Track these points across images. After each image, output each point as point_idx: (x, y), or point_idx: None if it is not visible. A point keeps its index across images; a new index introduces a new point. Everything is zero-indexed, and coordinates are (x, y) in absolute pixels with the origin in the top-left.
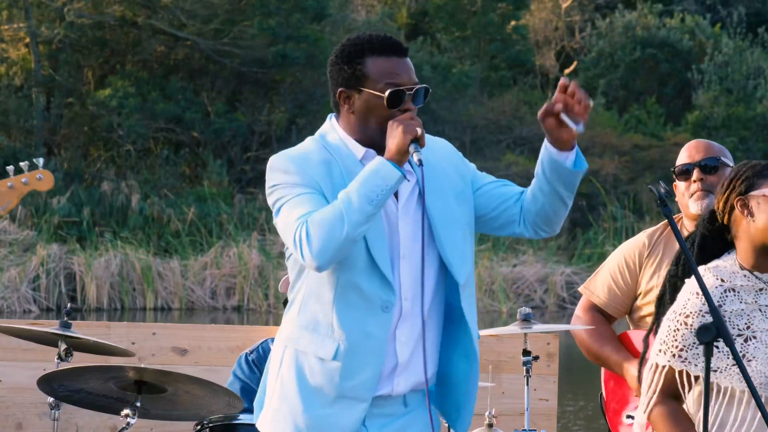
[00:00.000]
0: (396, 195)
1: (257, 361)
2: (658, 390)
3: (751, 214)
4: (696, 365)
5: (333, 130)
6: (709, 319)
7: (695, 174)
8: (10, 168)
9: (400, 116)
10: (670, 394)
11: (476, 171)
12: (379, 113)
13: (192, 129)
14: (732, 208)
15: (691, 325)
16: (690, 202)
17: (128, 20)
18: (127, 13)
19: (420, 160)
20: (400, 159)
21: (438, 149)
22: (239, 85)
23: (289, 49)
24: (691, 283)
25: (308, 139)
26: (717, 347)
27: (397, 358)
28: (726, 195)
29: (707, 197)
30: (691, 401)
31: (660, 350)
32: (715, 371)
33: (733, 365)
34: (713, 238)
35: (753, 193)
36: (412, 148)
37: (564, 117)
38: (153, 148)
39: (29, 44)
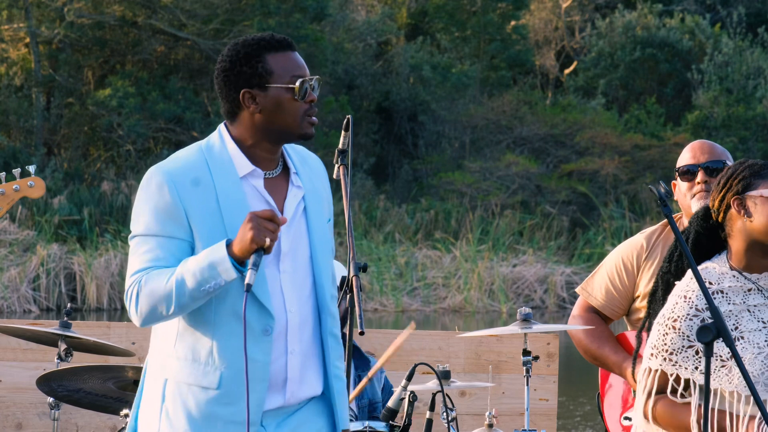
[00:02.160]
0: (281, 210)
1: None
2: (653, 393)
3: (747, 213)
4: (686, 368)
5: (222, 141)
6: (696, 322)
7: (700, 175)
8: (2, 174)
9: (260, 214)
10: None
11: (331, 215)
12: (289, 106)
13: (192, 129)
14: (728, 207)
15: (680, 329)
16: (693, 202)
17: (128, 20)
18: (127, 13)
19: (249, 285)
20: (242, 259)
21: (315, 166)
22: None
23: None
24: (679, 287)
25: (194, 147)
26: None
27: (287, 372)
28: (722, 193)
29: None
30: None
31: (651, 354)
32: (703, 374)
33: (722, 367)
34: (708, 236)
35: (750, 192)
36: (253, 258)
37: None
38: (153, 148)
39: (29, 44)
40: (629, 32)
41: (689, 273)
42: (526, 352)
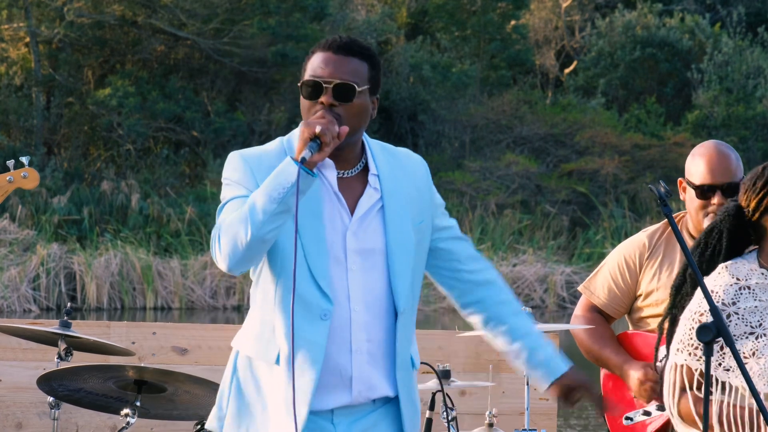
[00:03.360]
0: (352, 209)
1: None
2: (678, 389)
3: None
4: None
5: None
6: (722, 317)
7: (717, 198)
8: None
9: (313, 116)
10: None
11: (441, 210)
12: (303, 104)
13: (192, 128)
14: (765, 211)
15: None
16: (706, 220)
17: (128, 20)
18: (127, 12)
19: (303, 158)
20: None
21: (410, 169)
22: (239, 84)
23: (289, 48)
24: (708, 282)
25: (275, 140)
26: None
27: (352, 370)
28: (760, 196)
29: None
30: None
31: (678, 349)
32: (728, 370)
33: (746, 364)
34: (738, 234)
35: None
36: (308, 144)
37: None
38: (153, 148)
39: (29, 44)
40: (629, 32)
41: (717, 269)
42: None
